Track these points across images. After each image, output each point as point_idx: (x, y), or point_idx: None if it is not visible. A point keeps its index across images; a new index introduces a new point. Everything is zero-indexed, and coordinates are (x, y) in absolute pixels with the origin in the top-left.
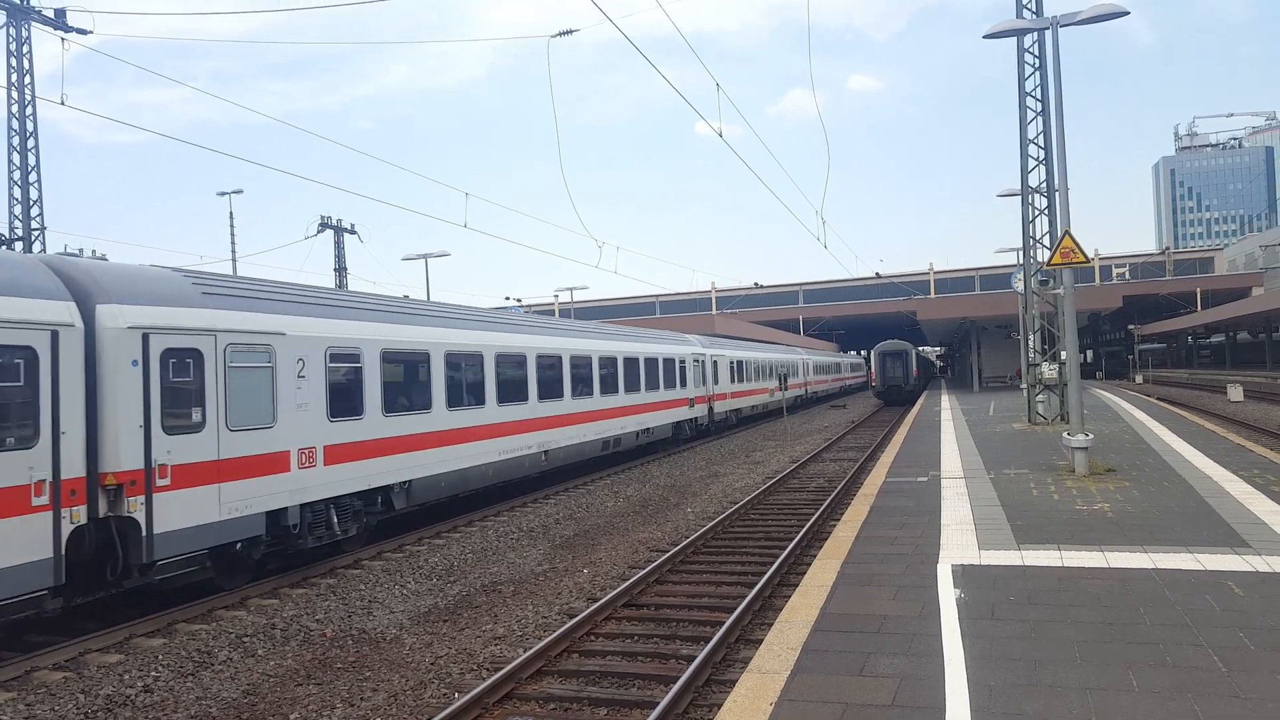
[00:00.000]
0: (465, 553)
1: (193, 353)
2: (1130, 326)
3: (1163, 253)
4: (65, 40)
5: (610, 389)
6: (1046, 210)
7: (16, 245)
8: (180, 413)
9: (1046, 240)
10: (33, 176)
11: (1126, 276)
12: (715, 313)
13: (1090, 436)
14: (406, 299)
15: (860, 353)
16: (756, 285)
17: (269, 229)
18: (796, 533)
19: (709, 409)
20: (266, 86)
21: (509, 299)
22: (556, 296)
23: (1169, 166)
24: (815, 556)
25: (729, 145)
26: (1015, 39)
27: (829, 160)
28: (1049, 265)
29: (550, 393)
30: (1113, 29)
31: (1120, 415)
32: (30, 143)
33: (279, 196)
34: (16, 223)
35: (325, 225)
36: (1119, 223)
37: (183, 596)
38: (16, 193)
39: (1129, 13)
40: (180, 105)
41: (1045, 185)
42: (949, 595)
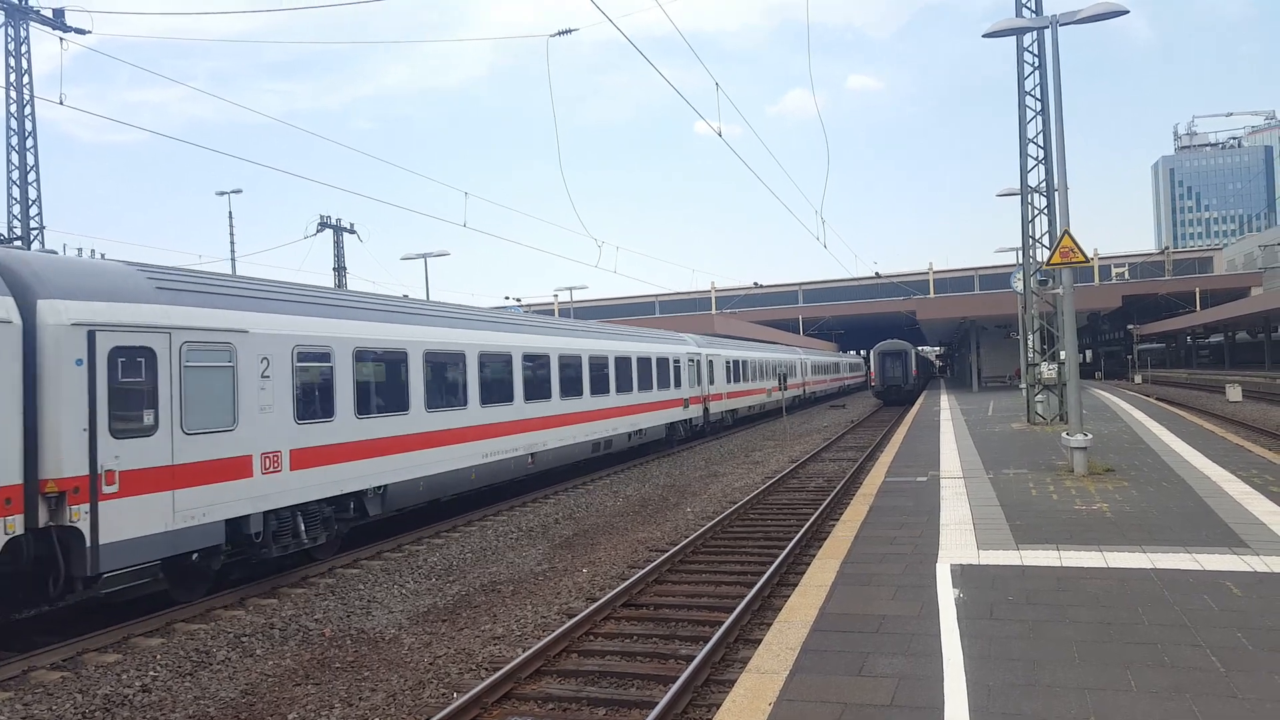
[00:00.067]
0: (464, 552)
1: (144, 351)
2: (1129, 326)
3: (1162, 252)
4: (64, 40)
5: (601, 389)
6: (1046, 210)
7: (15, 244)
8: (130, 415)
9: (1046, 240)
10: (31, 176)
11: (1125, 276)
12: (715, 312)
13: (1089, 436)
14: (406, 298)
15: (860, 352)
16: (756, 285)
17: (268, 228)
18: (796, 532)
19: (704, 410)
20: (266, 86)
21: (508, 298)
22: (556, 296)
23: (1168, 166)
24: (814, 556)
25: (729, 145)
26: (1015, 38)
27: (828, 160)
28: (1048, 265)
29: (537, 393)
30: (1112, 28)
31: (1119, 415)
32: (29, 142)
33: (278, 196)
34: (15, 222)
35: (325, 225)
36: (1118, 222)
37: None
38: (15, 192)
39: (1128, 11)
40: (179, 105)
41: (1045, 185)
42: (948, 595)
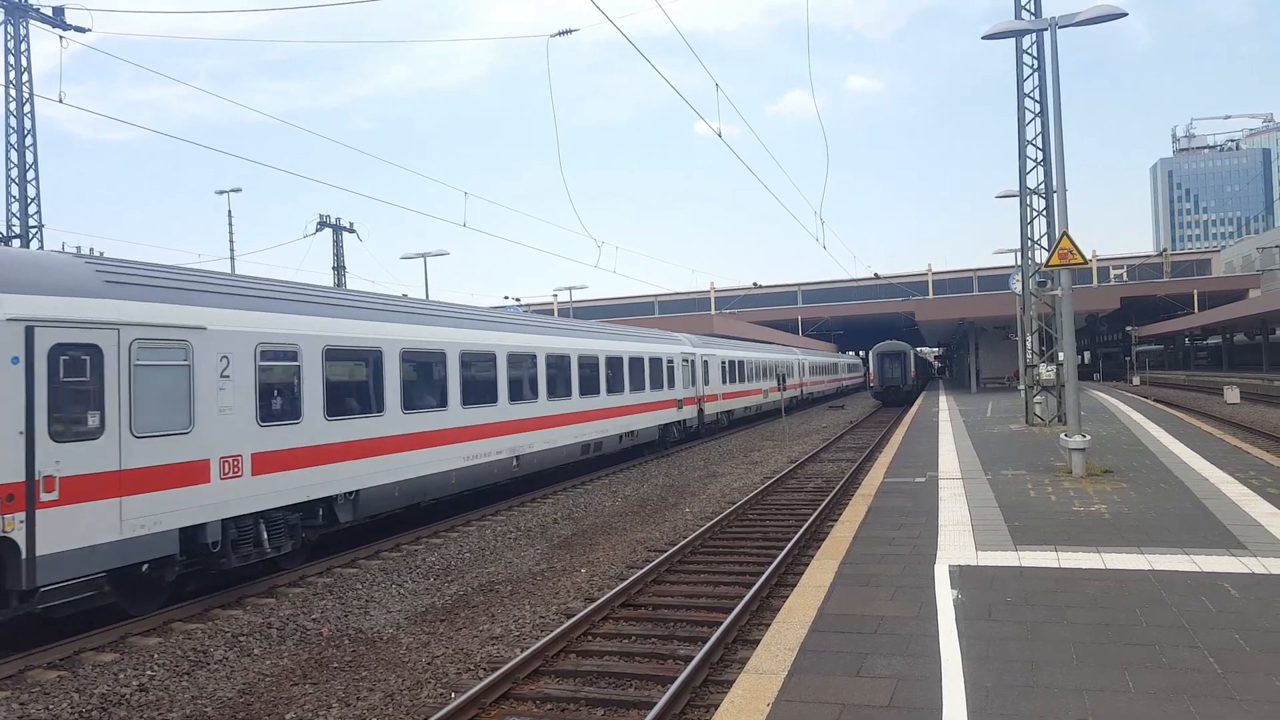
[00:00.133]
0: (463, 552)
1: (90, 349)
2: (1128, 328)
3: (1160, 254)
4: (63, 38)
5: (591, 390)
6: (1044, 211)
7: (14, 243)
8: (73, 418)
9: (1045, 241)
10: (30, 174)
11: (1124, 278)
12: (714, 313)
13: (1087, 438)
14: (405, 298)
15: (858, 353)
16: (755, 285)
17: (268, 228)
18: (794, 533)
19: (699, 410)
20: (265, 85)
21: (508, 298)
22: (555, 296)
23: (1166, 168)
24: (813, 557)
25: (728, 145)
26: (1014, 40)
27: (828, 161)
28: (1047, 266)
29: (523, 394)
30: (1111, 30)
31: (1117, 417)
32: (28, 140)
33: (278, 195)
34: (14, 220)
35: (324, 224)
36: (1117, 224)
37: (178, 595)
38: (14, 190)
39: (1127, 14)
40: (179, 103)
41: (1043, 186)
42: (946, 596)
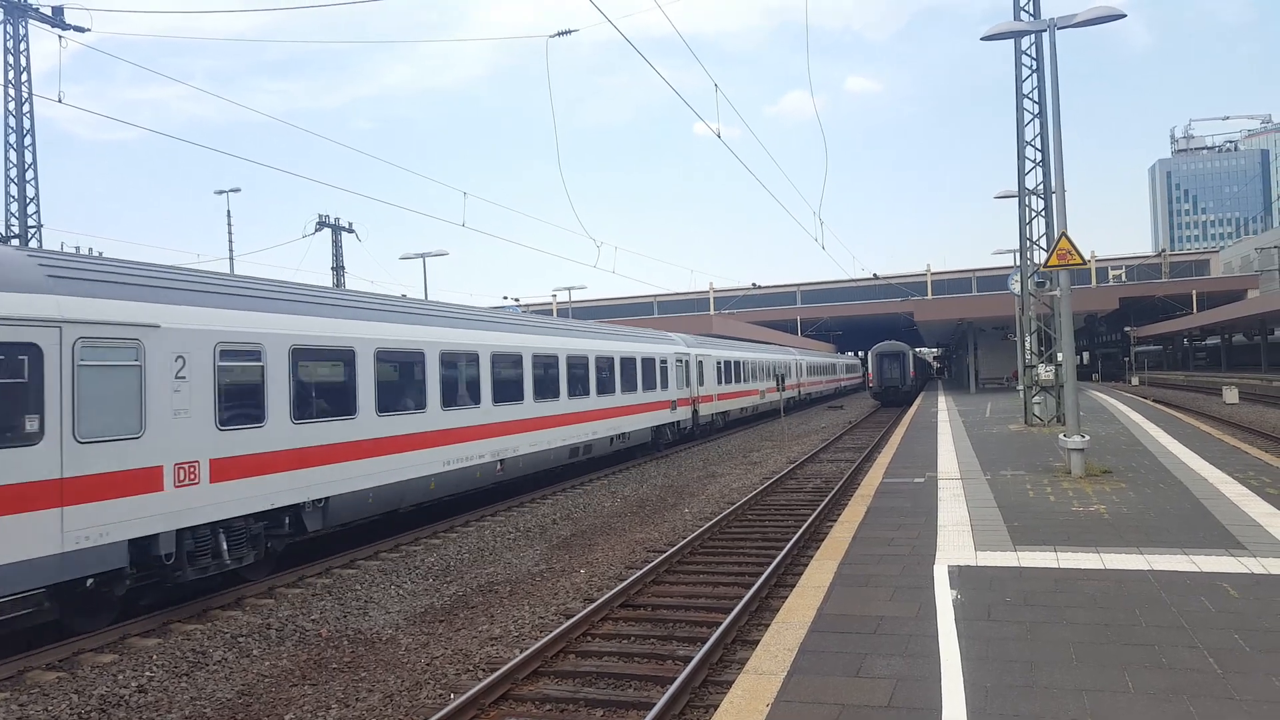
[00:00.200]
0: (462, 553)
1: (28, 348)
2: (1126, 328)
3: (1159, 255)
4: (63, 38)
5: (580, 391)
6: (1043, 212)
7: (13, 243)
8: (8, 422)
9: (1043, 242)
10: (29, 174)
11: (1123, 278)
12: (713, 313)
13: (1086, 438)
14: (404, 298)
15: (857, 354)
16: (755, 286)
17: (267, 228)
18: (794, 533)
19: (693, 412)
20: (265, 85)
21: (506, 298)
22: (555, 296)
23: (1165, 169)
24: (812, 557)
25: (727, 146)
26: (1013, 41)
27: (827, 161)
28: (1046, 267)
29: (508, 395)
30: (1110, 30)
31: (1116, 417)
32: (27, 140)
33: (277, 195)
34: (13, 220)
35: (323, 224)
36: (1116, 224)
37: (176, 597)
38: (13, 190)
39: (1125, 15)
40: (178, 103)
41: (1042, 187)
42: (945, 596)
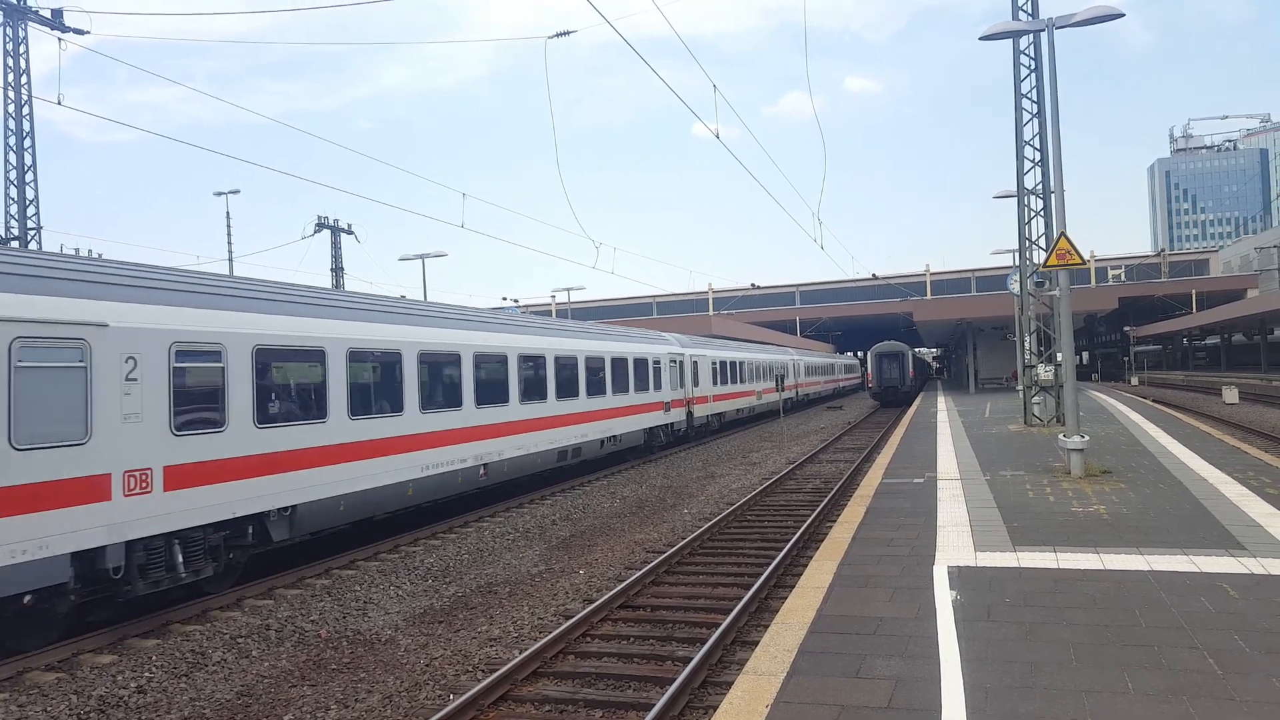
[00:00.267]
0: (461, 553)
1: None
2: (1126, 328)
3: (1158, 254)
4: (62, 40)
5: (569, 392)
6: (1042, 212)
7: (13, 244)
8: None
9: (1042, 242)
10: (29, 176)
11: (1122, 278)
12: (712, 313)
13: (1086, 438)
14: (403, 298)
15: (856, 354)
16: (754, 286)
17: (267, 229)
18: (793, 534)
19: (688, 413)
20: (264, 87)
21: (505, 299)
22: (554, 297)
23: (1164, 168)
24: (812, 558)
25: (726, 147)
26: (1011, 41)
27: (826, 162)
28: (1045, 267)
29: (492, 397)
30: (1109, 30)
31: (1116, 417)
32: (27, 142)
33: (277, 197)
34: (13, 222)
35: (322, 225)
36: (1115, 224)
37: (176, 596)
38: (13, 192)
39: (1124, 14)
40: (178, 105)
41: (1041, 187)
42: (945, 597)
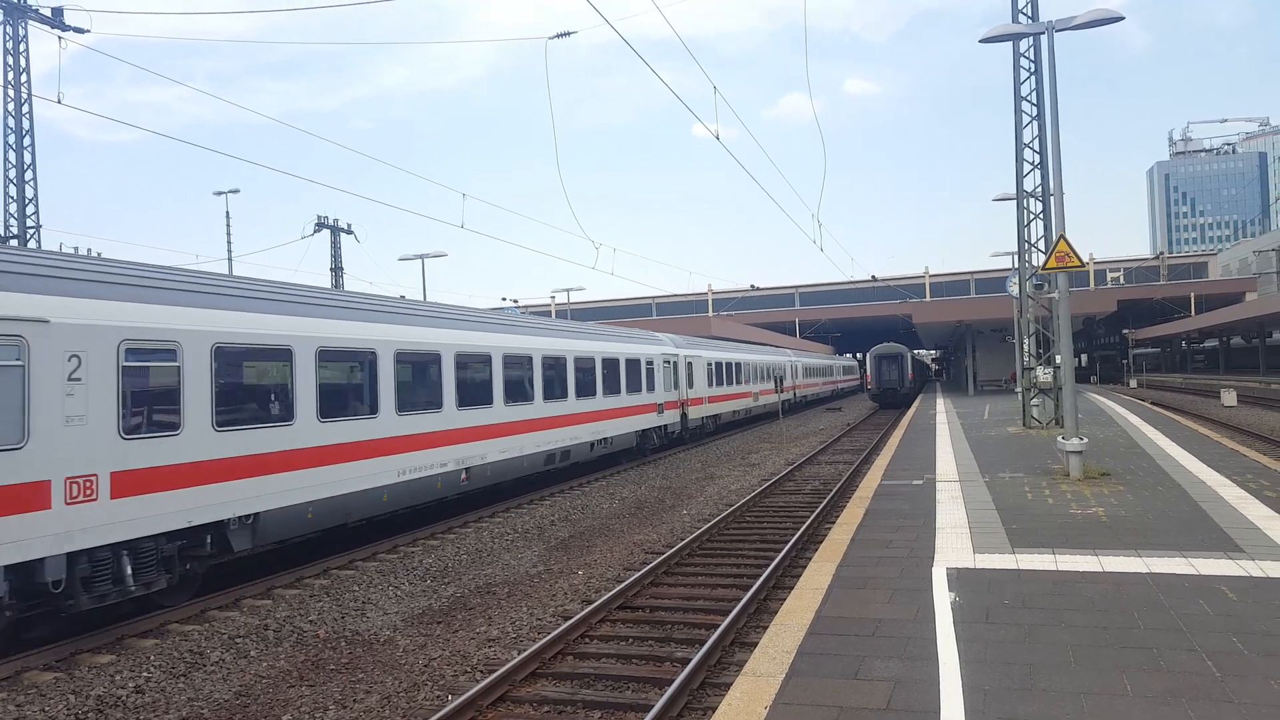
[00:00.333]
0: (459, 554)
1: None
2: (1124, 331)
3: (1157, 257)
4: (62, 39)
5: (557, 393)
6: (1041, 214)
7: (12, 243)
8: None
9: (1042, 244)
10: (29, 175)
11: (1121, 281)
12: (711, 314)
13: (1085, 440)
14: (403, 299)
15: (855, 355)
16: (753, 287)
17: (266, 229)
18: (792, 535)
19: (682, 415)
20: (265, 86)
21: (505, 299)
22: (553, 298)
23: (1163, 171)
24: (811, 559)
25: (726, 148)
26: (1011, 44)
27: (825, 163)
28: (1044, 269)
29: (475, 398)
30: (1108, 33)
31: (1114, 419)
32: (27, 141)
33: (277, 196)
34: (12, 221)
35: (322, 225)
36: (1114, 227)
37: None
38: (13, 191)
39: (1124, 18)
40: (178, 104)
41: (1040, 189)
42: (944, 598)
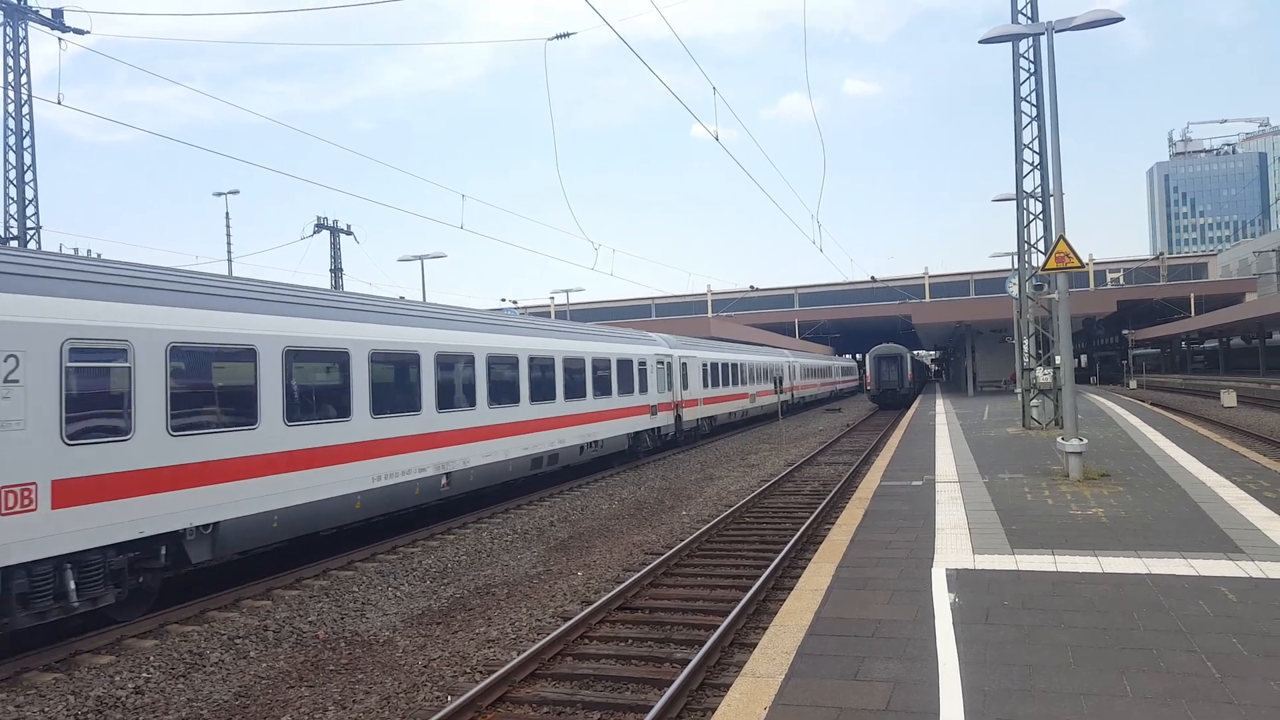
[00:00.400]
0: (459, 554)
1: None
2: (1124, 331)
3: (1157, 258)
4: (62, 40)
5: (544, 395)
6: (1041, 215)
7: (12, 244)
8: None
9: (1041, 245)
10: (29, 176)
11: (1121, 281)
12: (711, 315)
13: (1084, 441)
14: (402, 299)
15: (855, 356)
16: (752, 288)
17: (266, 229)
18: (791, 536)
19: (676, 417)
20: (263, 87)
21: (505, 300)
22: (552, 299)
23: (1163, 172)
24: (810, 560)
25: (725, 149)
26: (1011, 44)
27: (824, 164)
28: (1044, 270)
29: (456, 400)
30: (1108, 34)
31: (1114, 420)
32: (26, 142)
33: (276, 197)
34: (12, 222)
35: (321, 226)
36: (1113, 227)
37: (174, 597)
38: (13, 192)
39: (1124, 18)
40: (177, 105)
41: (1040, 190)
42: (943, 599)
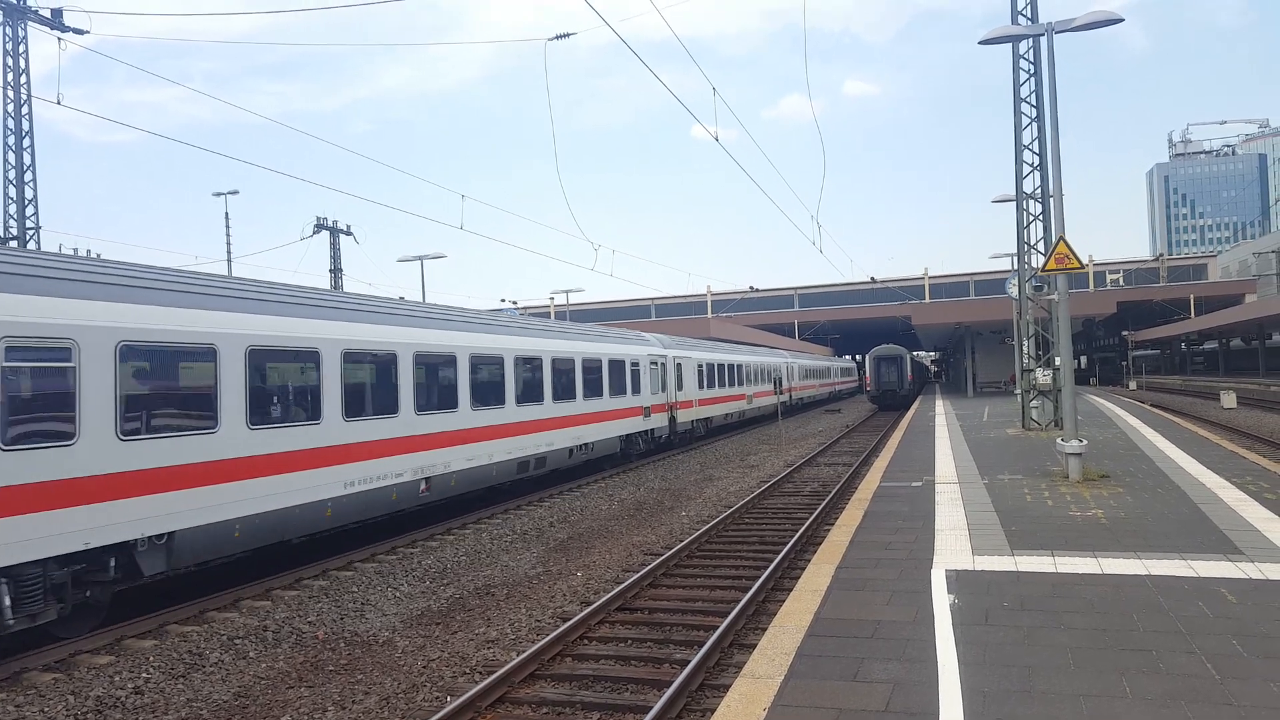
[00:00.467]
0: (458, 555)
1: None
2: (1124, 332)
3: (1156, 259)
4: (61, 40)
5: (532, 397)
6: (1041, 216)
7: (12, 244)
8: None
9: (1041, 246)
10: (28, 176)
11: (1120, 283)
12: (710, 316)
13: (1084, 442)
14: (401, 299)
15: (855, 357)
16: (752, 289)
17: (265, 229)
18: (791, 537)
19: (670, 419)
20: (262, 87)
21: (504, 300)
22: (552, 299)
23: (1163, 173)
24: (810, 561)
25: (725, 150)
26: (1011, 45)
27: (824, 165)
28: (1043, 271)
29: (437, 402)
30: (1108, 35)
31: (1114, 421)
32: (26, 142)
33: (275, 197)
34: (11, 222)
35: (321, 226)
36: (1113, 228)
37: (174, 597)
38: (12, 192)
39: (1124, 19)
40: (176, 105)
41: (1040, 191)
42: (943, 600)
